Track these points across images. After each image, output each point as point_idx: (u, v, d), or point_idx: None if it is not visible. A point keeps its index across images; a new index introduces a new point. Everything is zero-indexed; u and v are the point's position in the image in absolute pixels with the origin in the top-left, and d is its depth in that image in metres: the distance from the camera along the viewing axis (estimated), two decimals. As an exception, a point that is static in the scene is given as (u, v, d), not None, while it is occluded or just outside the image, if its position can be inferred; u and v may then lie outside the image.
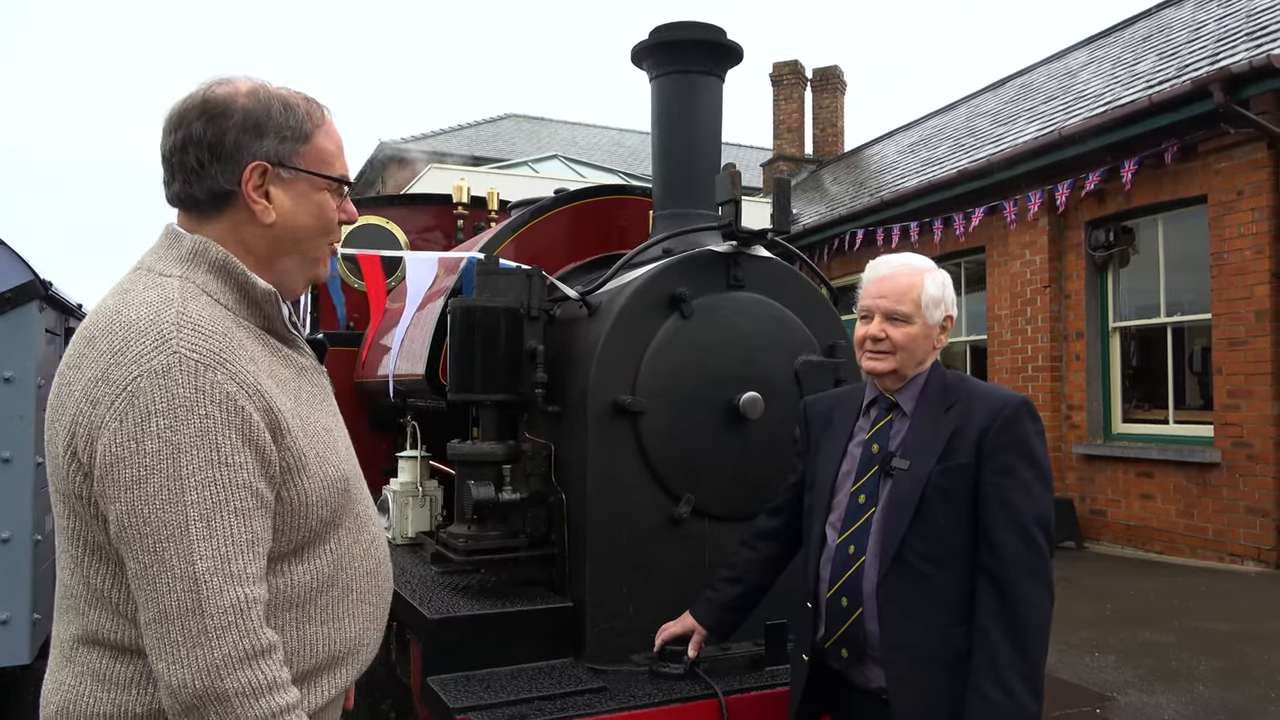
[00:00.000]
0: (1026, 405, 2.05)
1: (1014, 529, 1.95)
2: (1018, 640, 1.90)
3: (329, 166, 1.46)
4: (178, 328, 1.24)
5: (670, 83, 3.13)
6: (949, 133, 13.89)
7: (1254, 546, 7.36)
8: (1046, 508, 1.99)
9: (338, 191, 1.48)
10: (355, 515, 1.46)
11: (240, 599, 1.19)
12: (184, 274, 1.34)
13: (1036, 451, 2.01)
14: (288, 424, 1.31)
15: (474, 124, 25.00)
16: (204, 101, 1.37)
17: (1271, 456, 7.25)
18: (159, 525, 1.18)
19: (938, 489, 2.00)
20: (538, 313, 2.90)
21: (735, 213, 2.77)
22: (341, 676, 1.42)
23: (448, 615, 2.56)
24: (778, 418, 2.83)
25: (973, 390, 2.11)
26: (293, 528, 1.33)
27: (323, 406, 1.46)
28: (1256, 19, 8.53)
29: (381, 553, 1.54)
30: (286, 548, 1.33)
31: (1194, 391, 8.55)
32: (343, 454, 1.44)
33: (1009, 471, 1.98)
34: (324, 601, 1.38)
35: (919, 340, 2.11)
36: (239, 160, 1.37)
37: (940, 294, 2.14)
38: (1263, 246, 7.34)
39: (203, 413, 1.20)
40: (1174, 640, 5.36)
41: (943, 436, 2.04)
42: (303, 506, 1.33)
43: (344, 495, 1.41)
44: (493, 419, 2.89)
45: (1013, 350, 9.84)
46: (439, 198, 5.52)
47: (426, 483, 3.77)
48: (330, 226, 1.48)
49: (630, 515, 2.70)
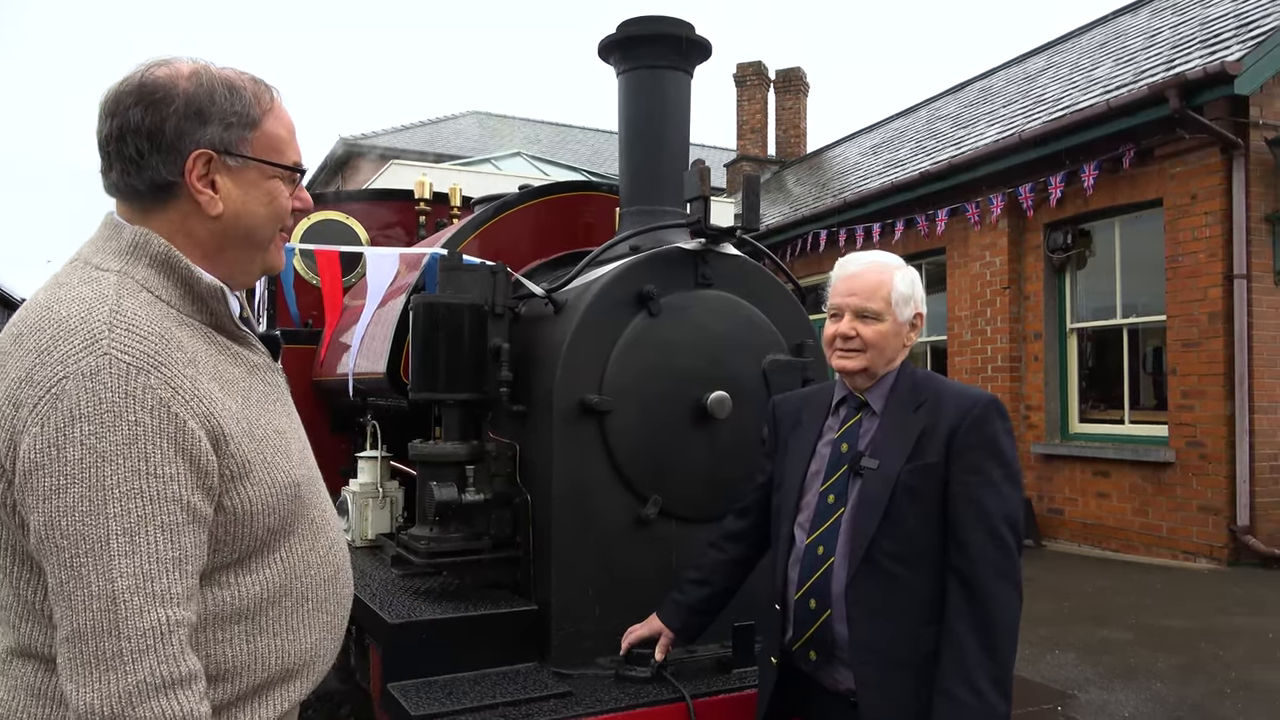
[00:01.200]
0: (995, 404, 2.04)
1: (983, 529, 1.93)
2: (987, 640, 1.88)
3: (280, 154, 1.39)
4: (110, 327, 1.17)
5: (638, 78, 3.09)
6: (910, 135, 14.01)
7: (1206, 544, 7.50)
8: (1015, 507, 1.98)
9: (290, 179, 1.41)
10: (310, 521, 1.39)
11: (161, 621, 1.12)
12: (123, 268, 1.27)
13: (1005, 451, 2.00)
14: (230, 430, 1.24)
15: (435, 120, 24.75)
16: (141, 86, 1.29)
17: (1224, 456, 7.39)
18: (77, 539, 1.10)
19: (907, 488, 1.98)
20: (502, 310, 2.84)
21: (705, 210, 2.74)
22: (295, 690, 1.35)
23: (409, 620, 2.50)
24: (745, 417, 2.80)
25: (942, 389, 2.10)
26: (237, 538, 1.26)
27: (276, 407, 1.40)
28: (1209, 27, 8.70)
29: (340, 558, 1.47)
30: (231, 558, 1.26)
31: (1149, 392, 8.70)
32: (295, 458, 1.37)
33: (978, 470, 1.96)
34: (276, 612, 1.31)
35: (889, 338, 2.09)
36: (180, 150, 1.28)
37: (910, 291, 2.12)
38: (1216, 250, 7.48)
39: (132, 419, 1.13)
40: (1132, 637, 5.44)
41: (912, 435, 2.03)
42: (247, 515, 1.26)
43: (295, 501, 1.34)
44: (456, 418, 2.83)
45: (972, 351, 9.95)
46: (401, 193, 5.43)
47: (387, 484, 3.69)
48: (282, 216, 1.41)
49: (596, 516, 2.65)
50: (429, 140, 22.20)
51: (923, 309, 2.16)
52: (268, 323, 5.17)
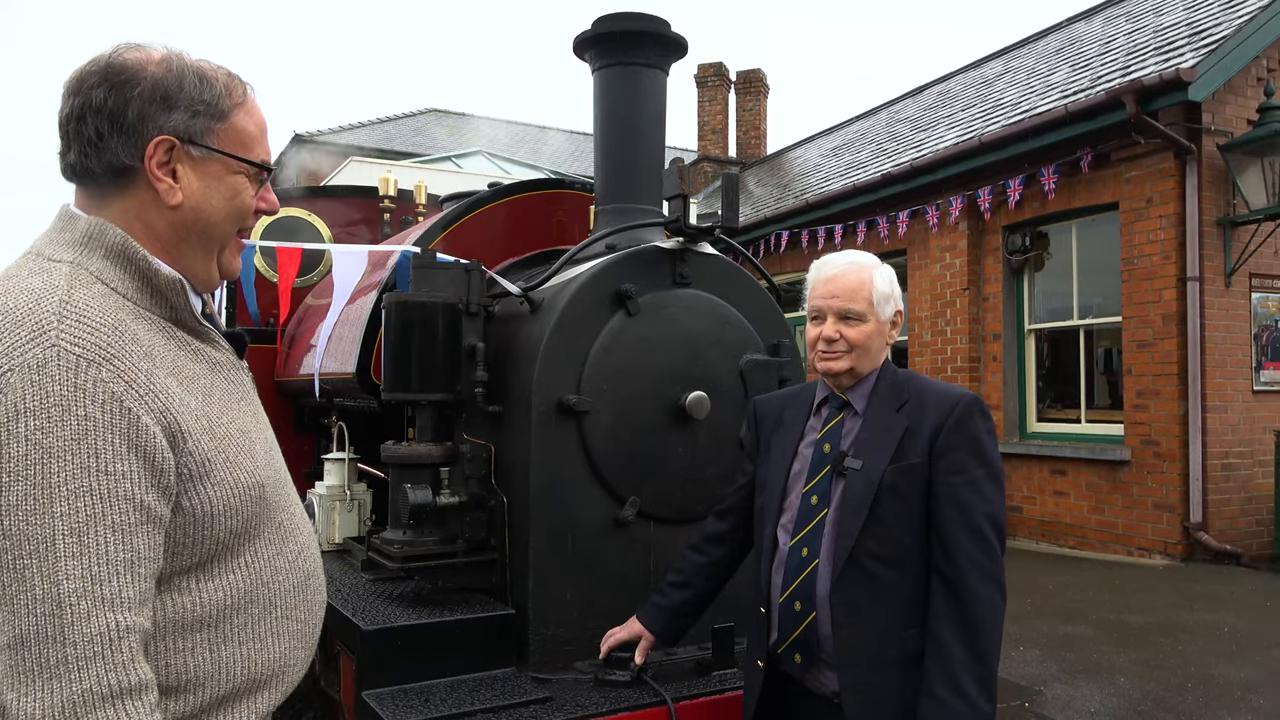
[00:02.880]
0: (978, 403, 2.04)
1: (966, 528, 1.93)
2: (971, 641, 1.88)
3: (248, 149, 1.34)
4: (59, 318, 1.11)
5: (614, 75, 3.06)
6: (871, 137, 14.15)
7: (1161, 540, 7.65)
8: (998, 506, 1.98)
9: (256, 178, 1.36)
10: (277, 524, 1.34)
11: (110, 627, 1.06)
12: (76, 259, 1.21)
13: (987, 450, 2.00)
14: (189, 426, 1.18)
15: (393, 118, 24.46)
16: (108, 66, 1.24)
17: (1178, 454, 7.55)
18: (21, 539, 1.04)
19: (890, 489, 1.98)
20: (477, 309, 2.79)
21: (683, 208, 2.72)
22: (264, 701, 1.30)
23: (383, 626, 2.43)
24: (723, 418, 2.79)
25: (924, 388, 2.09)
26: (197, 540, 1.20)
27: (240, 405, 1.34)
28: (1164, 34, 8.89)
29: (311, 564, 1.42)
30: (191, 562, 1.21)
31: (1104, 392, 8.87)
32: (260, 458, 1.31)
33: (961, 470, 1.96)
34: (242, 620, 1.26)
35: (874, 338, 2.09)
36: (142, 133, 1.24)
37: (890, 289, 2.12)
38: (1170, 252, 7.64)
39: (81, 414, 1.08)
40: (1093, 633, 5.52)
41: (895, 435, 2.02)
42: (207, 517, 1.20)
43: (259, 503, 1.28)
44: (429, 419, 2.77)
45: (932, 351, 10.06)
46: (364, 190, 5.34)
47: (354, 486, 3.62)
48: (243, 214, 1.36)
49: (574, 518, 2.62)
50: (386, 137, 21.93)
51: (901, 306, 2.17)
52: (227, 321, 5.05)
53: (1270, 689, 4.56)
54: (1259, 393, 7.91)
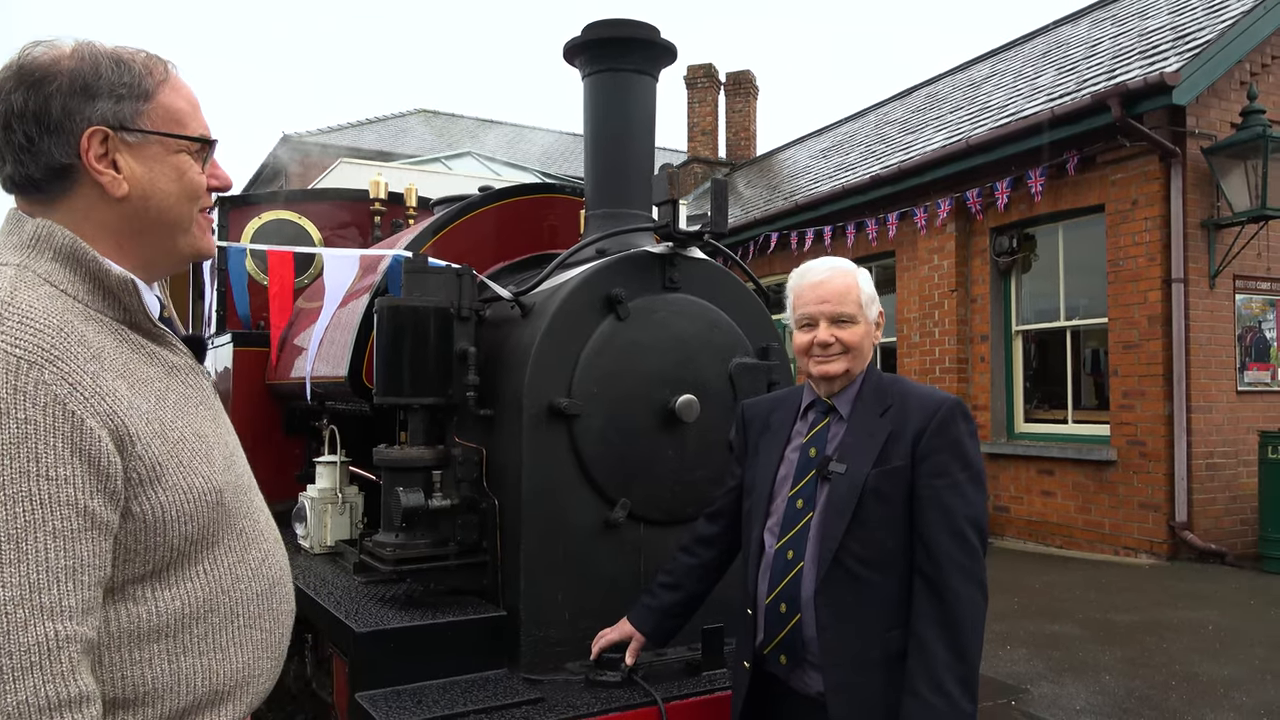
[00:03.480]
0: (960, 406, 2.07)
1: (949, 531, 1.96)
2: (953, 642, 1.91)
3: (182, 126, 1.30)
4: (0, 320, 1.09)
5: (604, 80, 3.09)
6: (860, 139, 14.22)
7: (1147, 540, 7.73)
8: (979, 508, 2.01)
9: (199, 153, 1.32)
10: (238, 531, 1.31)
11: (49, 636, 1.03)
12: (23, 262, 1.19)
13: (969, 453, 2.03)
14: (138, 430, 1.16)
15: (382, 119, 24.42)
16: (19, 69, 1.22)
17: (1163, 454, 7.63)
18: None
19: (874, 492, 2.01)
20: (469, 313, 2.82)
21: (674, 213, 2.75)
22: (228, 712, 1.27)
23: (377, 628, 2.45)
24: (713, 421, 2.82)
25: (907, 391, 2.12)
26: (150, 547, 1.18)
27: (198, 410, 1.32)
28: (1148, 38, 8.98)
29: (276, 572, 1.39)
30: (145, 569, 1.18)
31: (1090, 392, 8.94)
32: (218, 463, 1.29)
33: (943, 473, 1.99)
34: (202, 630, 1.24)
35: (865, 339, 2.13)
36: (71, 129, 1.21)
37: (873, 292, 2.18)
38: (1155, 254, 7.72)
39: (21, 417, 1.05)
40: (1079, 632, 5.58)
41: (879, 439, 2.05)
42: (159, 523, 1.18)
43: (217, 509, 1.26)
44: (422, 423, 2.79)
45: (921, 352, 10.12)
46: (355, 193, 5.34)
47: (346, 489, 3.63)
48: (196, 191, 1.33)
49: (565, 521, 2.64)
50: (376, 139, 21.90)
51: (882, 309, 2.22)
52: (218, 325, 5.05)
53: (1253, 686, 4.62)
54: (1243, 393, 8.00)
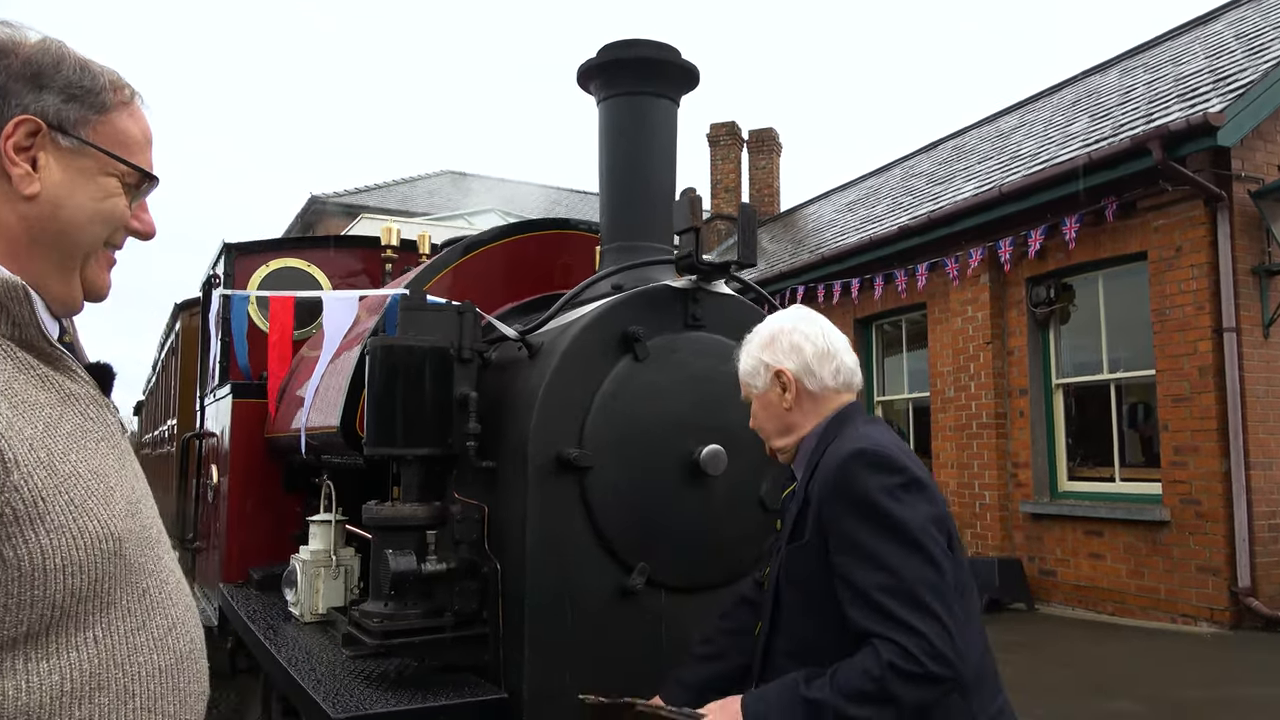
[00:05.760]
0: (862, 455, 1.72)
1: (866, 609, 1.62)
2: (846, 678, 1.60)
3: (127, 151, 1.15)
4: None
5: (620, 105, 2.86)
6: (885, 192, 14.01)
7: (1206, 607, 7.21)
8: (908, 572, 1.61)
9: (134, 188, 1.17)
10: (140, 592, 1.07)
11: None
12: None
13: (882, 506, 1.66)
14: (19, 454, 0.94)
15: (410, 179, 24.68)
16: None
17: (1221, 514, 7.16)
18: None
19: (786, 575, 1.81)
20: (470, 354, 2.55)
21: (696, 242, 2.48)
22: None
23: (355, 714, 2.14)
24: (742, 473, 2.51)
25: (836, 448, 1.81)
26: (24, 602, 0.94)
27: (98, 446, 1.10)
28: (1185, 82, 8.73)
29: (185, 644, 1.15)
30: (16, 632, 0.93)
31: (1137, 448, 8.50)
32: (119, 507, 1.06)
33: (849, 543, 1.68)
34: (86, 712, 0.99)
35: (764, 410, 1.97)
36: (4, 111, 1.07)
37: (754, 364, 1.96)
38: (1203, 302, 7.35)
39: None
40: (1147, 710, 5.10)
41: (793, 513, 1.85)
42: (39, 571, 0.94)
43: (114, 561, 1.03)
44: (416, 477, 2.51)
45: (956, 407, 9.73)
46: (366, 240, 5.16)
47: (341, 550, 3.33)
48: (115, 219, 1.15)
49: (576, 588, 2.33)
50: (403, 199, 22.08)
51: (783, 363, 1.91)
52: (220, 376, 4.83)
53: (1347, 774, 4.14)
54: (1304, 448, 7.53)
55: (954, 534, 1.76)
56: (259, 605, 3.54)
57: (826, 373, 1.89)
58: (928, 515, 1.67)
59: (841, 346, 1.94)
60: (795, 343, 1.91)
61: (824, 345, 1.91)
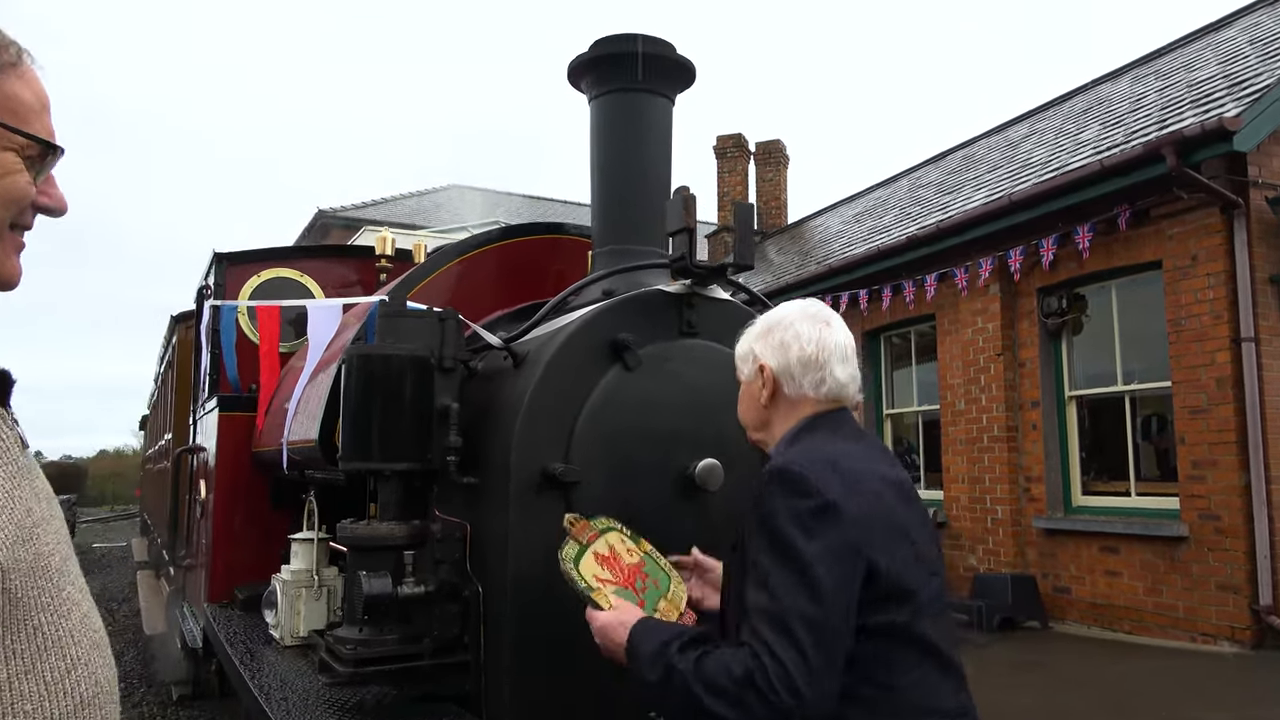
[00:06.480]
0: (781, 473, 1.60)
1: (745, 624, 1.56)
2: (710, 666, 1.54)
3: (21, 120, 1.02)
4: None
5: (612, 102, 2.73)
6: (893, 203, 13.86)
7: (1227, 625, 7.00)
8: (786, 601, 1.50)
9: (35, 160, 1.03)
10: (30, 629, 0.94)
11: None
12: None
13: (780, 529, 1.54)
14: None
15: (417, 193, 24.66)
16: None
17: (1241, 530, 6.95)
18: None
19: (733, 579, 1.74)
20: (452, 363, 2.41)
21: (689, 244, 2.34)
22: None
23: (322, 749, 1.99)
24: (739, 488, 2.35)
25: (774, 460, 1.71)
26: None
27: None
28: (1198, 88, 8.57)
29: (89, 687, 1.01)
30: None
31: (1152, 461, 8.30)
32: (6, 531, 0.92)
33: (750, 558, 1.60)
34: None
35: (742, 401, 1.91)
36: None
37: (746, 350, 1.87)
38: (1221, 312, 7.17)
39: None
40: (1167, 734, 4.91)
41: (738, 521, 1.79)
42: None
43: None
44: (394, 493, 2.36)
45: (967, 420, 9.55)
46: (360, 249, 5.05)
47: (324, 570, 3.19)
48: (17, 197, 1.01)
49: (562, 611, 2.17)
50: (409, 212, 22.05)
51: (766, 359, 1.80)
52: (210, 388, 4.71)
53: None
54: (1326, 462, 7.32)
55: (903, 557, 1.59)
56: (240, 627, 3.40)
57: (807, 382, 1.75)
58: (830, 546, 1.52)
59: (836, 356, 1.77)
60: (785, 340, 1.78)
61: (812, 352, 1.76)
